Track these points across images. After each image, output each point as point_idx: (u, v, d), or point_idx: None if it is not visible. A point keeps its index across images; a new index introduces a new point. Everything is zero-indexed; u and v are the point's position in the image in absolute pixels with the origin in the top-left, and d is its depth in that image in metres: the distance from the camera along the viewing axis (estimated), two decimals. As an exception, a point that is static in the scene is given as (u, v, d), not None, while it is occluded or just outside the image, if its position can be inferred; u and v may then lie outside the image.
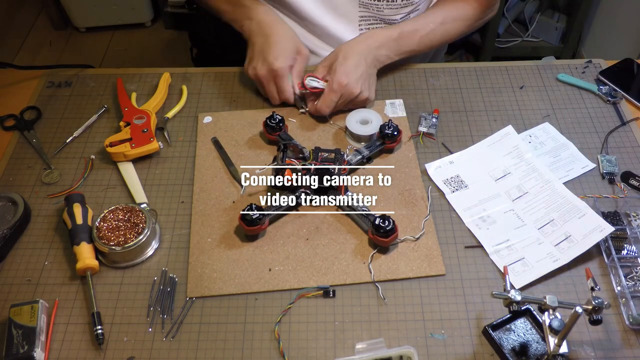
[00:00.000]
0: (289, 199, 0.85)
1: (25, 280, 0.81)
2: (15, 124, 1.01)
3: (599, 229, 0.82)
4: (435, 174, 0.93)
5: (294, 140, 0.94)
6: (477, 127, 1.00)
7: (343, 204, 0.86)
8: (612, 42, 2.16)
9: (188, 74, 1.11)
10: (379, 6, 1.05)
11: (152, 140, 0.95)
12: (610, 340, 0.75)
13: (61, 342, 0.75)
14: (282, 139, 0.94)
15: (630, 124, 1.00)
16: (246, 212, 0.82)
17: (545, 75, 1.10)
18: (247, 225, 0.82)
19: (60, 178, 0.94)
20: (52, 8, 2.60)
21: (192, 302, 0.79)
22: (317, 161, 0.88)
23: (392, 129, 0.93)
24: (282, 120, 0.95)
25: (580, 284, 0.80)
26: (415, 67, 1.12)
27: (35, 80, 1.10)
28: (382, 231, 0.80)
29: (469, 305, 0.78)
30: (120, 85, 1.05)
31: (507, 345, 0.74)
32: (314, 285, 0.80)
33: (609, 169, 0.92)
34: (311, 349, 0.74)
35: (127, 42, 2.62)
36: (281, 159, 0.90)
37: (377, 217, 0.81)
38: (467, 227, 0.86)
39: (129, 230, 0.82)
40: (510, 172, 0.93)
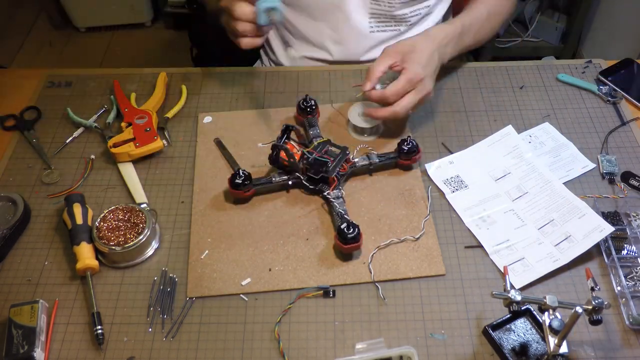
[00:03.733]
0: (280, 177, 0.88)
1: (25, 280, 0.81)
2: (15, 124, 1.01)
3: (599, 229, 0.82)
4: (435, 174, 0.93)
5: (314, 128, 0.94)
6: (477, 127, 1.00)
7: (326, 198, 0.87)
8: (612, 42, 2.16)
9: (188, 74, 1.11)
10: (391, 2, 1.05)
11: (156, 138, 0.95)
12: (610, 340, 0.75)
13: (61, 342, 0.75)
14: (310, 124, 0.96)
15: (630, 124, 1.00)
16: (233, 176, 0.86)
17: (545, 75, 1.10)
18: (232, 188, 0.86)
19: (60, 178, 0.94)
20: (52, 8, 2.60)
21: (192, 302, 0.79)
22: (320, 153, 0.88)
23: (410, 146, 0.90)
24: (315, 104, 0.97)
25: (580, 284, 0.80)
26: (415, 67, 1.12)
27: (35, 80, 1.10)
28: (344, 237, 0.80)
29: (469, 305, 0.78)
30: (118, 87, 1.05)
31: (507, 345, 0.74)
32: (314, 285, 0.80)
33: (609, 169, 0.92)
34: (311, 349, 0.74)
35: (127, 42, 2.62)
36: (279, 138, 0.90)
37: (346, 222, 0.81)
38: (467, 227, 0.86)
39: (129, 230, 0.82)
40: (510, 172, 0.93)
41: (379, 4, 1.06)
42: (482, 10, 1.05)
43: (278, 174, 0.89)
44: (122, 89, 1.05)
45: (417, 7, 1.09)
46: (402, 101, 0.90)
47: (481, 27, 1.04)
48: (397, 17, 1.08)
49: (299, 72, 1.11)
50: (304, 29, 1.12)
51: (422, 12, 1.10)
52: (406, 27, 1.11)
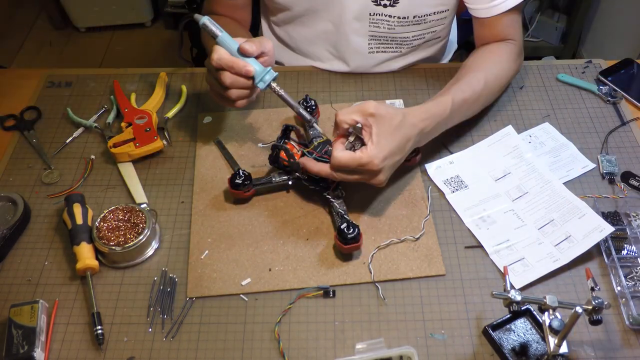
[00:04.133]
0: (280, 177, 0.88)
1: (25, 280, 0.81)
2: (15, 124, 1.01)
3: (599, 229, 0.82)
4: (435, 174, 0.93)
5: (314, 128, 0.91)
6: (477, 127, 1.00)
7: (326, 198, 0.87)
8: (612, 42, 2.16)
9: (188, 74, 1.11)
10: (390, 23, 1.02)
11: (156, 138, 0.95)
12: (610, 340, 0.75)
13: (61, 342, 0.75)
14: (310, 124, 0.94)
15: (630, 124, 1.00)
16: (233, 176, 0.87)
17: (545, 75, 1.10)
18: (232, 188, 0.86)
19: (60, 178, 0.94)
20: (52, 8, 2.60)
21: (192, 302, 0.79)
22: (320, 153, 0.88)
23: None
24: (315, 104, 0.97)
25: (580, 284, 0.80)
26: (415, 67, 1.12)
27: (35, 80, 1.10)
28: (344, 237, 0.80)
29: (469, 305, 0.78)
30: (118, 87, 1.05)
31: (507, 345, 0.74)
32: (314, 285, 0.80)
33: (609, 169, 0.92)
34: (311, 349, 0.74)
35: (127, 42, 2.62)
36: (279, 138, 0.90)
37: (346, 223, 0.81)
38: (467, 227, 0.86)
39: (129, 230, 0.82)
40: (510, 172, 0.93)
41: (377, 27, 1.03)
42: (479, 79, 0.93)
43: (278, 174, 0.89)
44: (122, 89, 1.05)
45: (421, 30, 1.05)
46: (347, 177, 0.81)
47: (477, 99, 0.93)
48: (397, 40, 1.05)
49: (299, 72, 1.11)
50: (306, 46, 1.11)
51: (426, 37, 1.06)
52: (409, 49, 1.08)
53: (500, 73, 0.98)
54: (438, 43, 1.12)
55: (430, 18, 1.02)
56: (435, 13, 1.02)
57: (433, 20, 1.03)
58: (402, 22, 1.02)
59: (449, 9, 1.03)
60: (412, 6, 0.99)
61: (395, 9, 0.99)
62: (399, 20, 1.01)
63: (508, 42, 1.01)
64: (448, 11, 1.03)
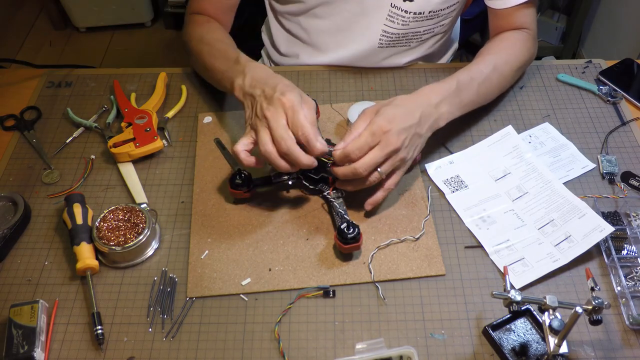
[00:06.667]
0: (280, 177, 0.88)
1: (25, 280, 0.81)
2: (15, 124, 1.01)
3: (599, 229, 0.82)
4: (435, 174, 0.93)
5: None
6: (477, 127, 1.00)
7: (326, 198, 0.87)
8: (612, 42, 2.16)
9: (188, 74, 1.11)
10: (405, 19, 1.02)
11: (156, 138, 0.95)
12: (610, 341, 0.75)
13: (61, 342, 0.75)
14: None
15: (630, 124, 1.00)
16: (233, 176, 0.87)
17: (545, 75, 1.10)
18: (232, 188, 0.87)
19: (60, 178, 0.94)
20: (52, 8, 2.60)
21: (192, 302, 0.79)
22: None
23: None
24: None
25: (580, 284, 0.80)
26: (415, 67, 1.12)
27: (35, 80, 1.10)
28: (344, 237, 0.80)
29: (469, 305, 0.78)
30: (118, 87, 1.05)
31: (507, 345, 0.74)
32: (314, 285, 0.80)
33: (609, 169, 0.92)
34: (311, 349, 0.74)
35: (127, 42, 2.62)
36: None
37: (346, 222, 0.81)
38: (467, 227, 0.86)
39: (129, 230, 0.82)
40: (510, 172, 0.93)
41: (392, 21, 1.03)
42: (488, 62, 0.96)
43: (278, 174, 0.89)
44: (122, 89, 1.05)
45: (432, 25, 1.06)
46: (365, 157, 0.78)
47: (486, 80, 0.94)
48: (408, 35, 1.06)
49: (299, 72, 1.11)
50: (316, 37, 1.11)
51: (435, 30, 1.08)
52: (417, 43, 1.10)
53: (510, 58, 0.99)
54: (443, 37, 1.13)
55: (443, 12, 1.04)
56: (448, 7, 1.03)
57: (444, 14, 1.05)
58: (417, 18, 1.03)
59: (459, 1, 1.04)
60: (429, 2, 1.01)
61: (413, 4, 1.00)
62: (414, 16, 1.02)
63: (522, 31, 1.03)
64: (458, 3, 1.05)
